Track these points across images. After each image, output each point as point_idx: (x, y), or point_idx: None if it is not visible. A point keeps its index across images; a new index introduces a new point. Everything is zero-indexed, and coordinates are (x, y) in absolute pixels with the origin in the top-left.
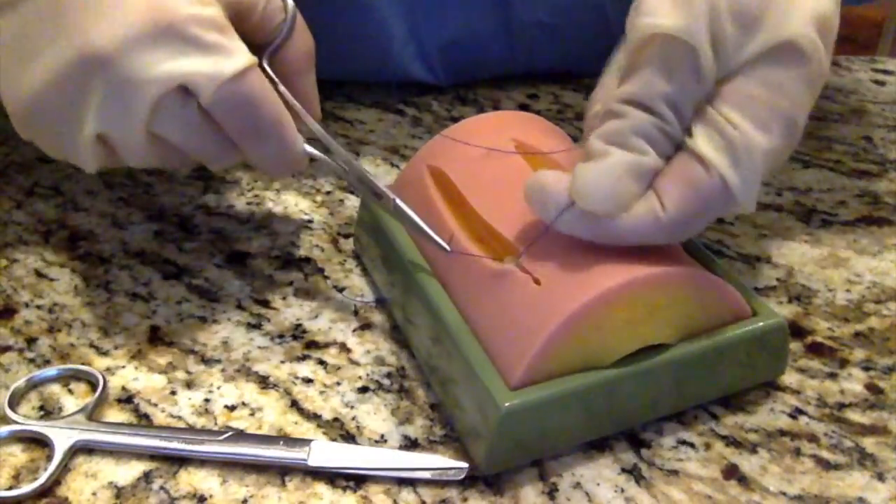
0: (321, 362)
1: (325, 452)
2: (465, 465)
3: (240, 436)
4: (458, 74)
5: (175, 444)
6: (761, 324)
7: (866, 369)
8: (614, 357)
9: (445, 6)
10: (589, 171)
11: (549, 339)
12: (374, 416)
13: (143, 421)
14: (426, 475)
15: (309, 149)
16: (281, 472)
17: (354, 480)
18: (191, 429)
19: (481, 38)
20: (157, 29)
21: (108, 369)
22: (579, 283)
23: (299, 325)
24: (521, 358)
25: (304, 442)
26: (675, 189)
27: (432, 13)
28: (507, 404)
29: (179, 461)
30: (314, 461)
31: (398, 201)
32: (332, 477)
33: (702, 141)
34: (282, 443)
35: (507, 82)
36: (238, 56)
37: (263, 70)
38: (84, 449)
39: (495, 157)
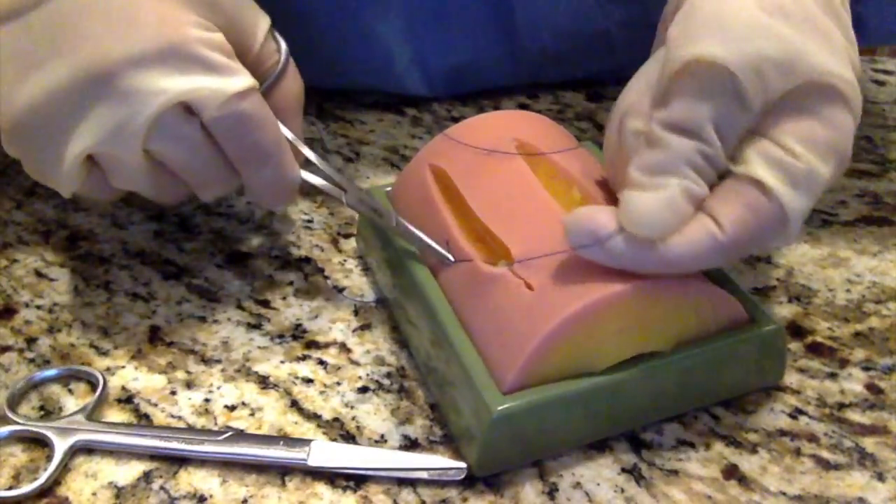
0: (321, 362)
1: (325, 452)
2: (464, 465)
3: (240, 436)
4: (462, 95)
5: (175, 444)
6: (758, 331)
7: (866, 369)
8: (608, 363)
9: (449, 32)
10: (641, 198)
11: (540, 345)
12: (374, 416)
13: (143, 421)
14: (426, 475)
15: (306, 175)
16: (281, 472)
17: (354, 480)
18: (191, 429)
19: (485, 64)
20: (167, 47)
21: (108, 369)
22: (572, 290)
23: (299, 325)
24: (513, 363)
25: (304, 442)
26: (733, 211)
27: (436, 39)
28: (498, 408)
29: (179, 461)
30: (314, 461)
31: (400, 219)
32: (332, 477)
33: (760, 167)
34: (282, 443)
35: None
36: (242, 76)
37: None
38: (84, 449)
39: (496, 158)
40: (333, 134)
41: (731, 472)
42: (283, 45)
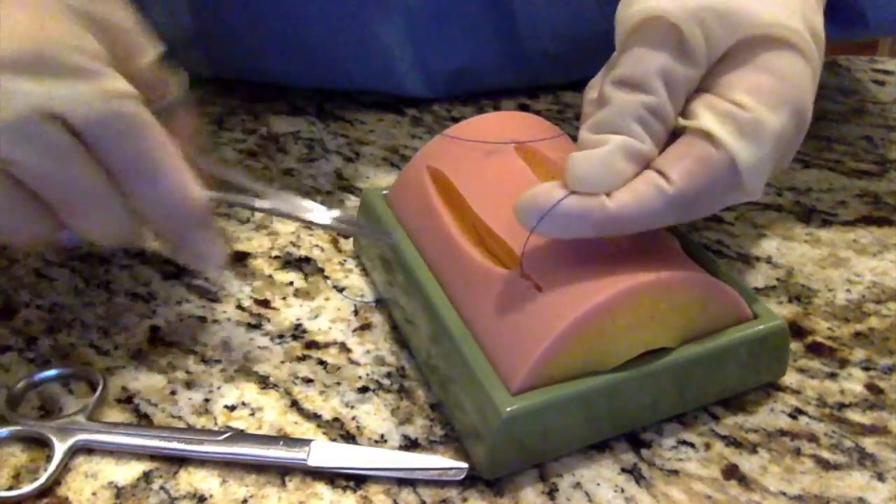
0: (321, 362)
1: (325, 452)
2: (464, 465)
3: (240, 436)
4: (462, 95)
5: (175, 444)
6: (762, 326)
7: (866, 369)
8: (616, 362)
9: (450, 35)
10: (582, 156)
11: (550, 346)
12: (374, 416)
13: (143, 421)
14: (426, 475)
15: (209, 192)
16: (281, 472)
17: (354, 480)
18: (191, 429)
19: (486, 67)
20: (32, 51)
21: (108, 369)
22: (581, 290)
23: (299, 325)
24: (522, 363)
25: (304, 442)
26: (681, 163)
27: (437, 42)
28: (507, 409)
29: (179, 461)
30: (314, 461)
31: (324, 219)
32: (332, 477)
33: (707, 119)
34: (282, 443)
35: None
36: (120, 81)
37: None
38: (84, 449)
39: (495, 159)
40: (333, 134)
41: (731, 472)
42: (177, 89)
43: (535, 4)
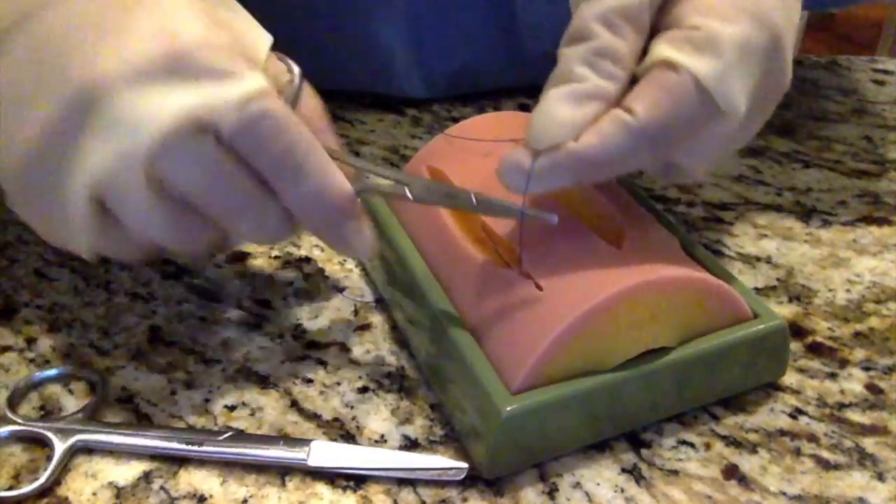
0: (321, 362)
1: (325, 452)
2: (464, 465)
3: (240, 436)
4: (462, 97)
5: (175, 444)
6: (762, 326)
7: (866, 369)
8: (616, 361)
9: (451, 36)
10: (537, 111)
11: (551, 345)
12: (374, 416)
13: (143, 421)
14: (426, 475)
15: (361, 184)
16: (281, 472)
17: (354, 480)
18: (191, 429)
19: (487, 68)
20: (167, 56)
21: (108, 369)
22: (582, 289)
23: (299, 325)
24: (522, 363)
25: (304, 442)
26: (644, 94)
27: (438, 43)
28: (507, 408)
29: (179, 461)
30: (314, 461)
31: (479, 194)
32: (332, 477)
33: (664, 48)
34: (282, 443)
35: None
36: (258, 77)
37: None
38: (84, 449)
39: (495, 158)
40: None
41: (731, 472)
42: (296, 67)
43: (537, 4)
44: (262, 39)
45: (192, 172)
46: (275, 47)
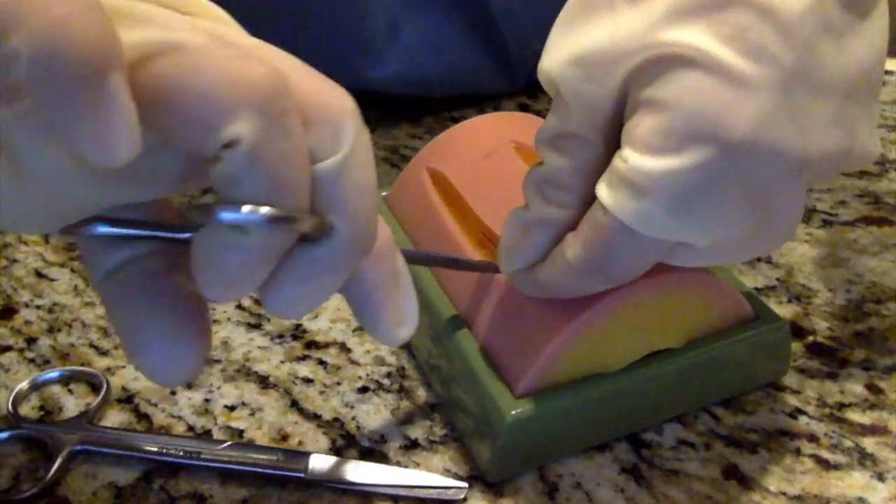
0: (321, 362)
1: (324, 466)
2: (464, 485)
3: (238, 446)
4: (462, 97)
5: (171, 457)
6: (765, 327)
7: (866, 369)
8: (621, 364)
9: (442, 42)
10: (501, 238)
11: (555, 348)
12: (374, 416)
13: (143, 421)
14: (425, 494)
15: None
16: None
17: None
18: (191, 436)
19: (482, 72)
20: None
21: (108, 369)
22: None
23: (299, 325)
24: (526, 366)
25: (303, 455)
26: (581, 232)
27: (432, 47)
28: (512, 413)
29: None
30: (312, 475)
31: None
32: None
33: (602, 184)
34: (280, 455)
35: None
36: None
37: None
38: (84, 450)
39: (495, 159)
40: None
41: (731, 472)
42: None
43: (514, 8)
44: None
45: None
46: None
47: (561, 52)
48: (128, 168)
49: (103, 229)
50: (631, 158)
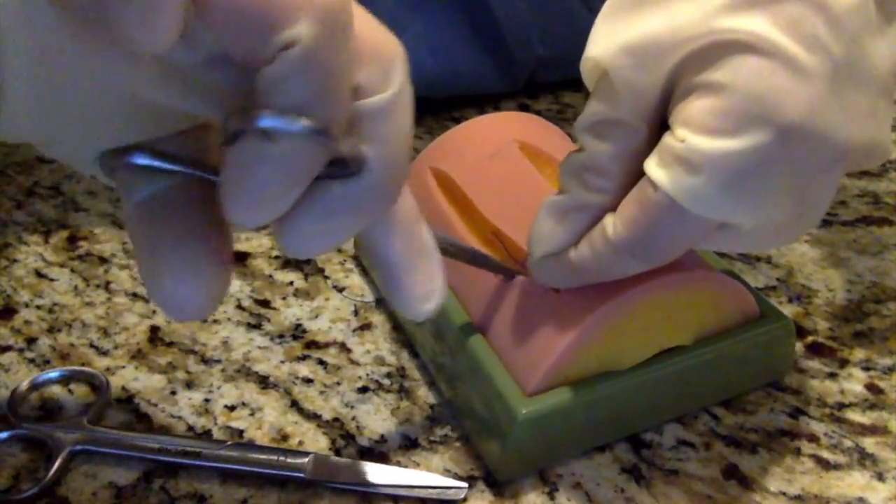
0: (321, 362)
1: (324, 466)
2: (464, 484)
3: (239, 446)
4: (462, 97)
5: (171, 457)
6: (772, 325)
7: (866, 369)
8: (631, 362)
9: (443, 44)
10: (533, 222)
11: (568, 347)
12: (374, 416)
13: (143, 421)
14: (425, 493)
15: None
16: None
17: None
18: (191, 436)
19: (483, 74)
20: None
21: (108, 369)
22: (598, 290)
23: (299, 325)
24: (538, 365)
25: (303, 454)
26: (626, 210)
27: (433, 48)
28: (524, 411)
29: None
30: (312, 476)
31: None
32: None
33: (650, 162)
34: (281, 455)
35: None
36: None
37: None
38: (84, 450)
39: (499, 159)
40: None
41: (731, 472)
42: None
43: (518, 11)
44: None
45: None
46: None
47: (612, 40)
48: (180, 82)
49: (143, 160)
50: (689, 138)
